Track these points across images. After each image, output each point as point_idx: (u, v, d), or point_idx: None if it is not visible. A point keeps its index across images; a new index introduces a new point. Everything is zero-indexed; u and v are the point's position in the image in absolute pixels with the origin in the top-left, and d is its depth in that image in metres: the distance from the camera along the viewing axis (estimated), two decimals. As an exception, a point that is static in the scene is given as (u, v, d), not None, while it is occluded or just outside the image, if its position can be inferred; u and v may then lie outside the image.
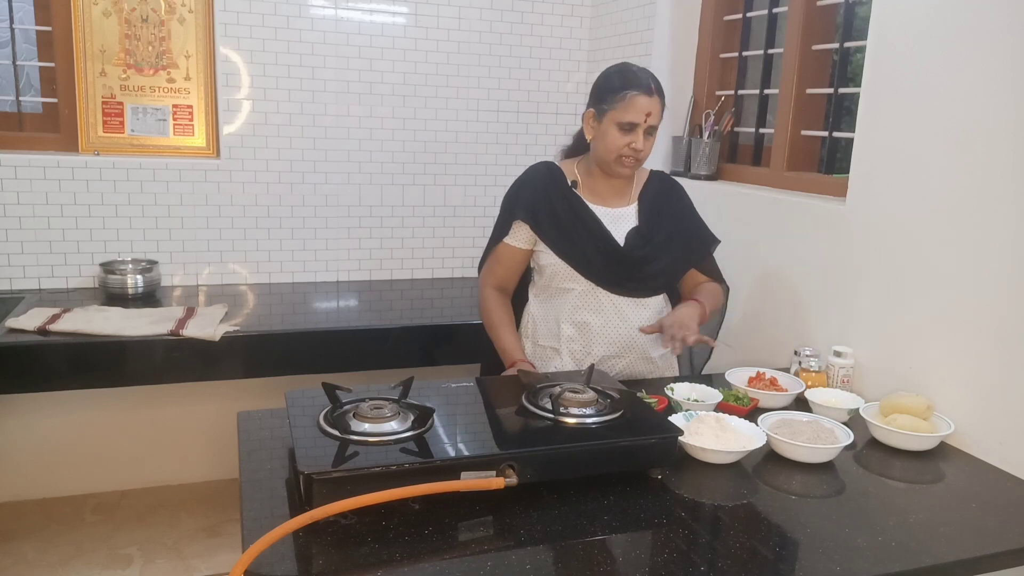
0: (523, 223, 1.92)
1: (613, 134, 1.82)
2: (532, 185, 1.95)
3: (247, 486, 1.31)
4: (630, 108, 1.79)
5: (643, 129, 1.81)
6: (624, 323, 1.91)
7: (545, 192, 1.93)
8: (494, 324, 1.97)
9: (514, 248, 1.95)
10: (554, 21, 3.21)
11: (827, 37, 2.32)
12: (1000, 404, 1.60)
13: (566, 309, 1.92)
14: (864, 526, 1.27)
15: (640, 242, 1.91)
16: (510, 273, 2.00)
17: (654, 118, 1.82)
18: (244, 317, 2.54)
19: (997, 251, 1.60)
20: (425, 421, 1.34)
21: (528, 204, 1.92)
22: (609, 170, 1.90)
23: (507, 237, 1.95)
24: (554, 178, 1.95)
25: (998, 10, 1.60)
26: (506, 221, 1.96)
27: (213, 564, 2.57)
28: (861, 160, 1.96)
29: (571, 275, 1.90)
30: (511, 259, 1.97)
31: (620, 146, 1.82)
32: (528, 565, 1.12)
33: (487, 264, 2.02)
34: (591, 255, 1.89)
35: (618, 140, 1.82)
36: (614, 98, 1.81)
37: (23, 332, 2.22)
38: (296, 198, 2.99)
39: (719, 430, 1.49)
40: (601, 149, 1.87)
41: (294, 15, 2.86)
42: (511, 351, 1.91)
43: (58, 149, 2.76)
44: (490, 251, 2.00)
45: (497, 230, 1.98)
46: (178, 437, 2.99)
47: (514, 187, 1.99)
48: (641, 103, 1.79)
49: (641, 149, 1.83)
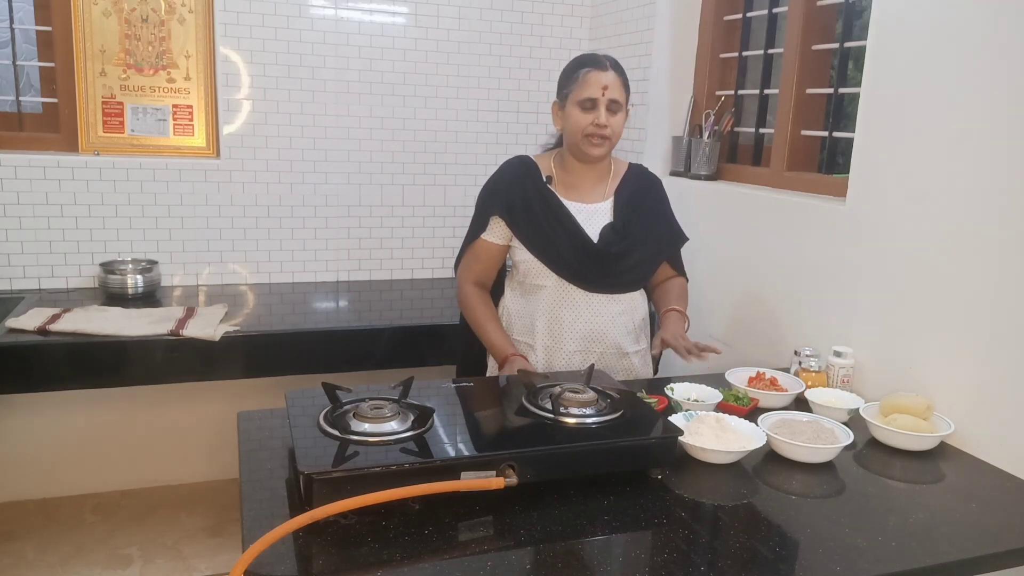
0: (499, 219, 1.93)
1: (576, 115, 1.85)
2: (507, 180, 1.96)
3: (247, 486, 1.31)
4: (586, 85, 1.83)
5: (604, 104, 1.83)
6: (597, 318, 1.92)
7: (521, 187, 1.93)
8: (479, 320, 1.96)
9: (492, 244, 1.96)
10: (554, 21, 3.21)
11: (827, 37, 2.32)
12: (1000, 404, 1.60)
13: (540, 305, 1.93)
14: (864, 526, 1.27)
15: (615, 238, 1.91)
16: (488, 269, 2.00)
17: (612, 91, 1.83)
18: (244, 317, 2.54)
19: (997, 251, 1.60)
20: (425, 421, 1.34)
21: (504, 199, 1.93)
22: (580, 154, 1.90)
23: (484, 233, 1.95)
24: (529, 173, 1.95)
25: (998, 10, 1.60)
26: (483, 217, 1.96)
27: (213, 564, 2.57)
28: (861, 160, 1.96)
29: (544, 272, 1.91)
30: (489, 255, 1.97)
31: (584, 125, 1.84)
32: (528, 565, 1.12)
33: (465, 260, 2.01)
34: (565, 252, 1.89)
35: (581, 120, 1.84)
36: (570, 81, 1.87)
37: (23, 332, 2.22)
38: (296, 198, 2.99)
39: (719, 430, 1.49)
40: (568, 134, 1.89)
41: (294, 15, 2.86)
42: (501, 346, 1.91)
43: (58, 149, 2.76)
44: (467, 247, 2.00)
45: (474, 226, 1.98)
46: (178, 437, 2.99)
47: (490, 182, 2.00)
48: (595, 77, 1.83)
49: (606, 124, 1.83)
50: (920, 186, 1.78)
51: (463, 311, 2.02)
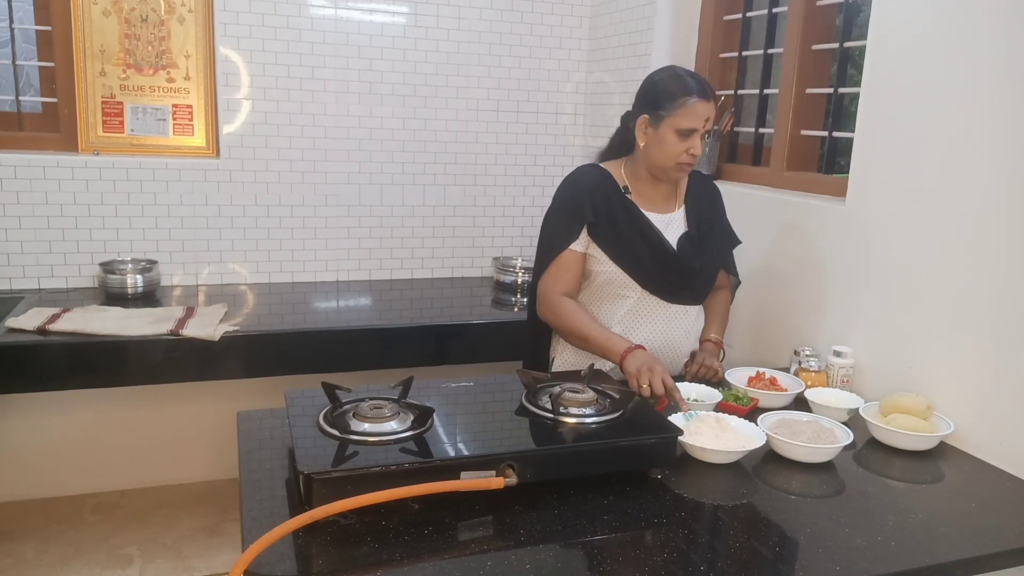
0: (586, 228, 1.85)
1: (672, 140, 1.79)
2: (590, 189, 1.88)
3: (247, 486, 1.31)
4: (690, 114, 1.76)
5: (701, 134, 1.79)
6: (670, 331, 1.90)
7: (604, 196, 1.87)
8: (586, 326, 1.81)
9: (580, 254, 1.87)
10: (554, 21, 3.21)
11: (827, 37, 2.32)
12: (1000, 404, 1.60)
13: (616, 316, 1.88)
14: (864, 526, 1.27)
15: (694, 250, 1.89)
16: (577, 279, 1.90)
17: (711, 123, 1.80)
18: (244, 317, 2.54)
19: (997, 251, 1.60)
20: (425, 421, 1.34)
21: (591, 209, 1.85)
22: (665, 176, 1.87)
23: (575, 243, 1.86)
24: (607, 182, 1.89)
25: (998, 10, 1.60)
26: (573, 226, 1.86)
27: (213, 564, 2.57)
28: (861, 160, 1.96)
29: (627, 283, 1.86)
30: (578, 266, 1.88)
31: (679, 152, 1.79)
32: (528, 565, 1.12)
33: (551, 273, 1.88)
34: (648, 263, 1.85)
35: (677, 147, 1.79)
36: (672, 105, 1.77)
37: (23, 332, 2.22)
38: (296, 198, 2.99)
39: (719, 430, 1.50)
40: (657, 155, 1.82)
41: (294, 15, 2.86)
42: (618, 342, 1.77)
43: (58, 149, 2.76)
44: (551, 260, 1.88)
45: (560, 237, 1.87)
46: (178, 437, 2.99)
47: (571, 190, 1.90)
48: (701, 109, 1.76)
49: (698, 154, 1.81)
50: (920, 186, 1.78)
51: (556, 321, 1.88)
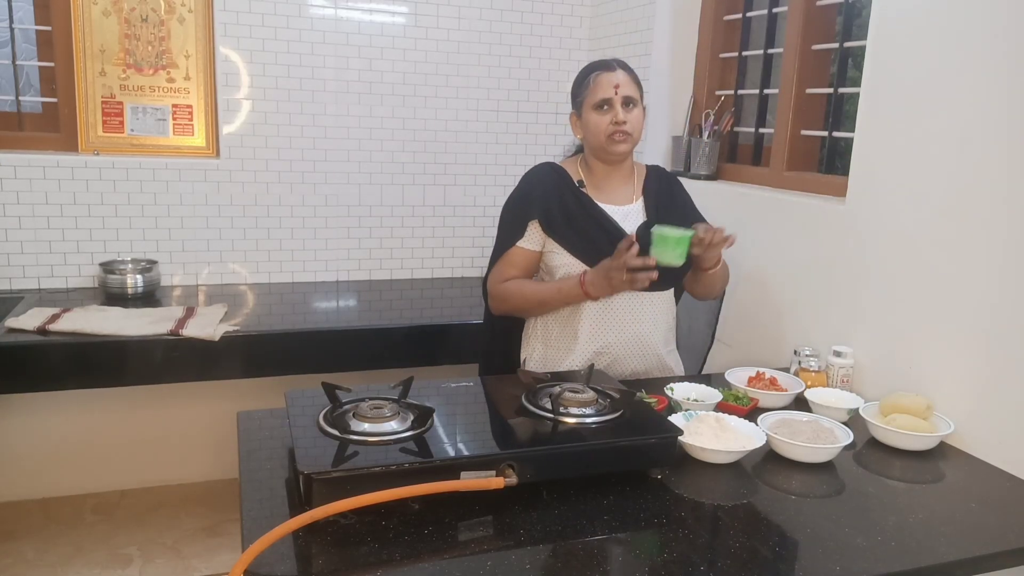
0: (538, 224, 1.89)
1: (594, 118, 1.87)
2: (542, 185, 1.93)
3: (247, 486, 1.31)
4: (598, 87, 1.86)
5: (619, 102, 1.84)
6: (637, 321, 1.90)
7: (557, 191, 1.91)
8: (534, 290, 1.88)
9: (528, 251, 1.91)
10: (554, 21, 3.21)
11: (827, 37, 2.32)
12: (999, 404, 1.60)
13: (579, 309, 1.89)
14: (864, 526, 1.27)
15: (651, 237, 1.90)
16: (524, 275, 1.94)
17: (624, 88, 1.85)
18: (244, 317, 2.54)
19: (997, 251, 1.60)
20: (425, 421, 1.34)
21: (541, 205, 1.90)
22: (605, 155, 1.90)
23: (521, 240, 1.91)
24: (561, 178, 1.94)
25: (997, 10, 1.60)
26: (519, 223, 1.91)
27: (213, 564, 2.57)
28: (861, 160, 1.95)
29: None
30: (526, 261, 1.92)
31: (604, 125, 1.86)
32: (528, 565, 1.12)
33: (497, 268, 1.94)
34: (606, 253, 1.86)
35: (600, 121, 1.86)
36: (582, 89, 1.90)
37: (23, 332, 2.22)
38: (296, 198, 2.99)
39: (719, 430, 1.49)
40: (591, 138, 1.90)
41: (294, 15, 2.86)
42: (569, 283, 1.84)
43: (58, 149, 2.76)
44: (499, 257, 1.94)
45: (507, 234, 1.92)
46: (178, 437, 2.99)
47: (522, 188, 1.96)
48: (606, 78, 1.86)
49: (625, 120, 1.84)
50: (920, 186, 1.78)
51: (508, 304, 1.93)
